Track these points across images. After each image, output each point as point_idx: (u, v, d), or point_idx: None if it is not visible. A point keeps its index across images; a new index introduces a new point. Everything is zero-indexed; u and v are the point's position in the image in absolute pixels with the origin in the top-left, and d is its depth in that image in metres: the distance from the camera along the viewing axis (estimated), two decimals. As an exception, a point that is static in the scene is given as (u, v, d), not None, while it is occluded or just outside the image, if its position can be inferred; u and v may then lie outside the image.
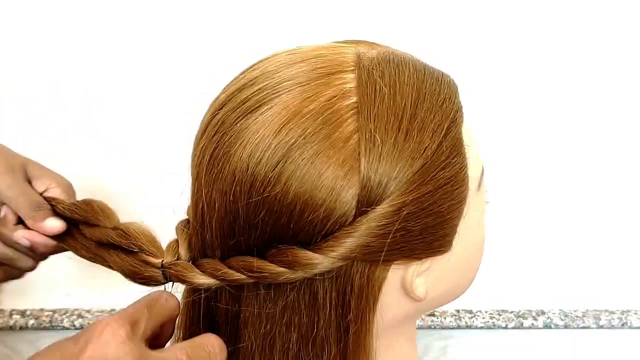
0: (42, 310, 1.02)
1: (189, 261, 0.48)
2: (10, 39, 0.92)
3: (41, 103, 0.94)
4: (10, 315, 1.01)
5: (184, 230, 0.50)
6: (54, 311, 1.01)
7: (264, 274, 0.44)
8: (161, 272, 0.48)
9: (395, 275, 0.46)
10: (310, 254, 0.43)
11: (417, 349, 0.56)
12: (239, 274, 0.45)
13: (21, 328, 1.01)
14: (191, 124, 0.93)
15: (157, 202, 0.84)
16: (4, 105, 0.94)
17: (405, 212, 0.43)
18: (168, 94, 0.94)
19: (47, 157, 0.95)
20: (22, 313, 1.01)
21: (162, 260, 0.48)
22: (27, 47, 0.92)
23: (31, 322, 1.01)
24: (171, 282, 0.49)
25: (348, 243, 0.43)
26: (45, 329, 1.01)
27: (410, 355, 0.55)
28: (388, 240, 0.43)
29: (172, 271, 0.47)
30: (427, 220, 0.45)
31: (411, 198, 0.43)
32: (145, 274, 0.48)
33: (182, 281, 0.47)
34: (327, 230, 0.43)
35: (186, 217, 0.52)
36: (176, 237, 0.50)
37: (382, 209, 0.43)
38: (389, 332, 0.50)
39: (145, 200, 0.96)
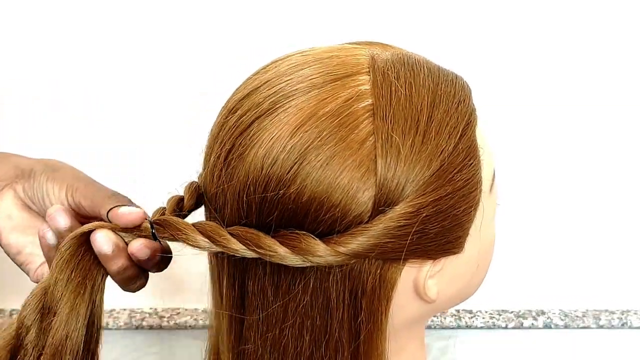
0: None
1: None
2: (10, 39, 0.92)
3: (41, 103, 0.94)
4: (11, 315, 1.01)
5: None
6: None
7: (269, 253, 0.43)
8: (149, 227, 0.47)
9: (407, 276, 0.46)
10: (321, 245, 0.43)
11: (425, 351, 0.56)
12: (239, 245, 0.44)
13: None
14: (191, 123, 0.94)
15: (157, 201, 0.83)
16: (4, 105, 0.94)
17: (424, 215, 0.43)
18: (168, 94, 0.94)
19: (47, 157, 0.95)
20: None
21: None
22: (27, 47, 0.92)
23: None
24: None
25: (360, 240, 0.43)
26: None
27: (420, 358, 0.55)
28: (407, 242, 0.43)
29: (165, 227, 0.46)
30: (444, 222, 0.45)
31: (430, 200, 0.43)
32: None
33: (176, 238, 0.46)
34: (342, 228, 0.43)
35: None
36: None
37: (401, 209, 0.43)
38: (400, 334, 0.50)
39: (145, 200, 0.95)
